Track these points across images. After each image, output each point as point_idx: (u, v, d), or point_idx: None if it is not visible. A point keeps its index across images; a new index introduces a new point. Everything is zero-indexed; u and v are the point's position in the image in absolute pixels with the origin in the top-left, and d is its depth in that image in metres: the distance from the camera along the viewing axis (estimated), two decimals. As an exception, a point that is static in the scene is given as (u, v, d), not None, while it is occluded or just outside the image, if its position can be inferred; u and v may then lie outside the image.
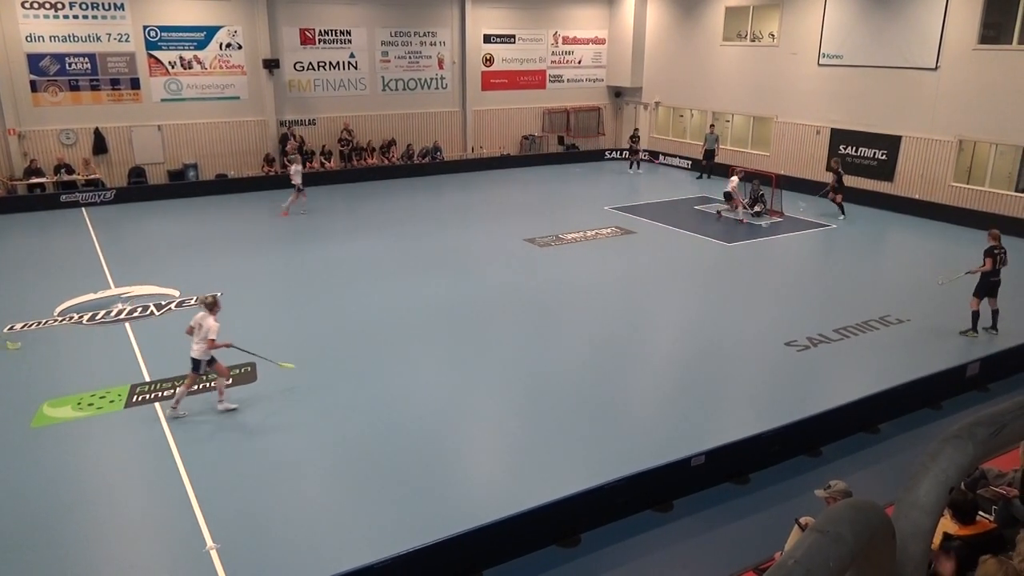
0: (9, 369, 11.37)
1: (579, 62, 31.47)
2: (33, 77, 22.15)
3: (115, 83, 23.25)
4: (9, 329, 12.76)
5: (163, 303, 14.08)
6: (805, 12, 24.32)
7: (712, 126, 27.75)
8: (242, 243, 18.46)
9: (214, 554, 7.24)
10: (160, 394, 10.44)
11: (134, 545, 7.62)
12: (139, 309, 13.78)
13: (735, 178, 20.88)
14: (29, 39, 21.86)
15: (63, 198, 21.98)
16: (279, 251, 17.81)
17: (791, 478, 8.67)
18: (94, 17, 22.54)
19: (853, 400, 9.71)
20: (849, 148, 23.59)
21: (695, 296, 14.86)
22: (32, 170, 22.25)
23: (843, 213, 20.99)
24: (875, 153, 22.90)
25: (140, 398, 10.35)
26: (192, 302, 13.92)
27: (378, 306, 13.97)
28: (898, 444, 9.45)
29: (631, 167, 28.63)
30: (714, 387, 10.97)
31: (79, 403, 10.15)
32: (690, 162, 28.34)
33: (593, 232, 19.30)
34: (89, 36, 22.59)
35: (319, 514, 7.93)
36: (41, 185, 22.34)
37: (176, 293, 14.58)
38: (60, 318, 13.36)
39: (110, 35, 22.85)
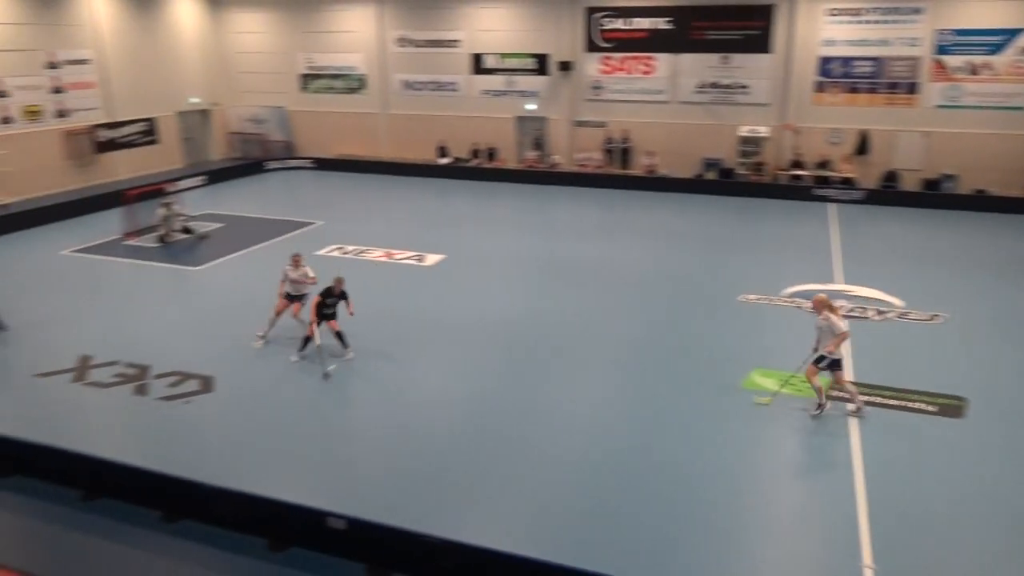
0: (728, 333, 12.87)
1: None
2: (819, 78, 23.91)
3: (892, 87, 23.34)
4: (742, 298, 14.36)
5: (883, 310, 13.82)
6: None
7: None
8: (990, 267, 16.61)
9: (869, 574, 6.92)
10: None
11: (780, 541, 7.76)
12: (857, 309, 13.84)
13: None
14: (826, 43, 23.57)
15: (815, 191, 23.44)
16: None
17: None
18: (889, 22, 22.89)
19: None
20: None
21: None
22: (795, 162, 24.30)
23: None
24: None
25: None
26: (911, 316, 13.43)
27: None
28: None
29: None
30: None
31: (784, 380, 10.77)
32: None
33: None
34: (878, 40, 23.09)
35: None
36: (800, 177, 24.24)
37: (899, 303, 14.11)
38: (787, 300, 14.35)
39: (900, 39, 22.91)
